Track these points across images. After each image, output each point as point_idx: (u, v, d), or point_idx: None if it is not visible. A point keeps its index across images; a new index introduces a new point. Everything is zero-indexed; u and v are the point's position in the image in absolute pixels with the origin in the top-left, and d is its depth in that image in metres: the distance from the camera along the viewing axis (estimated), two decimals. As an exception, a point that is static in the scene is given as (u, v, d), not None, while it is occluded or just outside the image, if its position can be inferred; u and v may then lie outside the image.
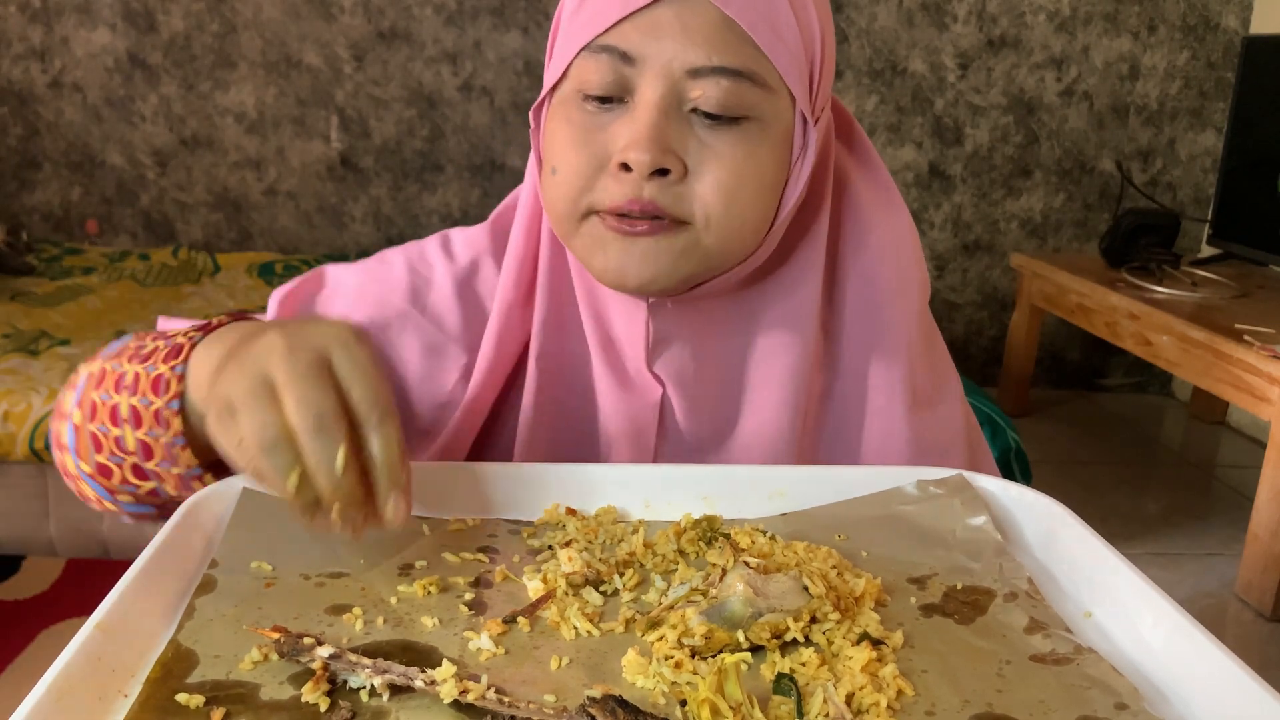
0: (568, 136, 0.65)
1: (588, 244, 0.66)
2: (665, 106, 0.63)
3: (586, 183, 0.65)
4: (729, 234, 0.65)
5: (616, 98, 0.64)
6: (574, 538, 0.60)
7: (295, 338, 0.52)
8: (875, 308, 0.74)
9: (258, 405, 0.50)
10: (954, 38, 3.25)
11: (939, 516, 0.62)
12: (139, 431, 0.62)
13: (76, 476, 0.69)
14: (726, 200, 0.64)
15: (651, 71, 0.62)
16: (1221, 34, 3.30)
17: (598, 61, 0.63)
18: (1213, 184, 3.35)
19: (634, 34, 0.62)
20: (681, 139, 0.63)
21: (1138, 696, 0.46)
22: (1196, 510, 2.75)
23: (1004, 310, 3.47)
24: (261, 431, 0.50)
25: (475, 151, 3.27)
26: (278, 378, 0.50)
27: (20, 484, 2.07)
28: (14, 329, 2.38)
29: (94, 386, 0.66)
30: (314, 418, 0.49)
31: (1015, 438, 2.06)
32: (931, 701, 0.46)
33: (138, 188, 3.23)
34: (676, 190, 0.63)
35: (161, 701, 0.44)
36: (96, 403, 0.65)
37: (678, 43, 0.62)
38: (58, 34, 3.09)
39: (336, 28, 3.14)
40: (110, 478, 0.66)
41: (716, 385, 0.74)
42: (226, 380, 0.52)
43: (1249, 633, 2.18)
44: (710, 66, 0.62)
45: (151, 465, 0.64)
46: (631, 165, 0.62)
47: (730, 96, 0.62)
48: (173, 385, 0.61)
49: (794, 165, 0.68)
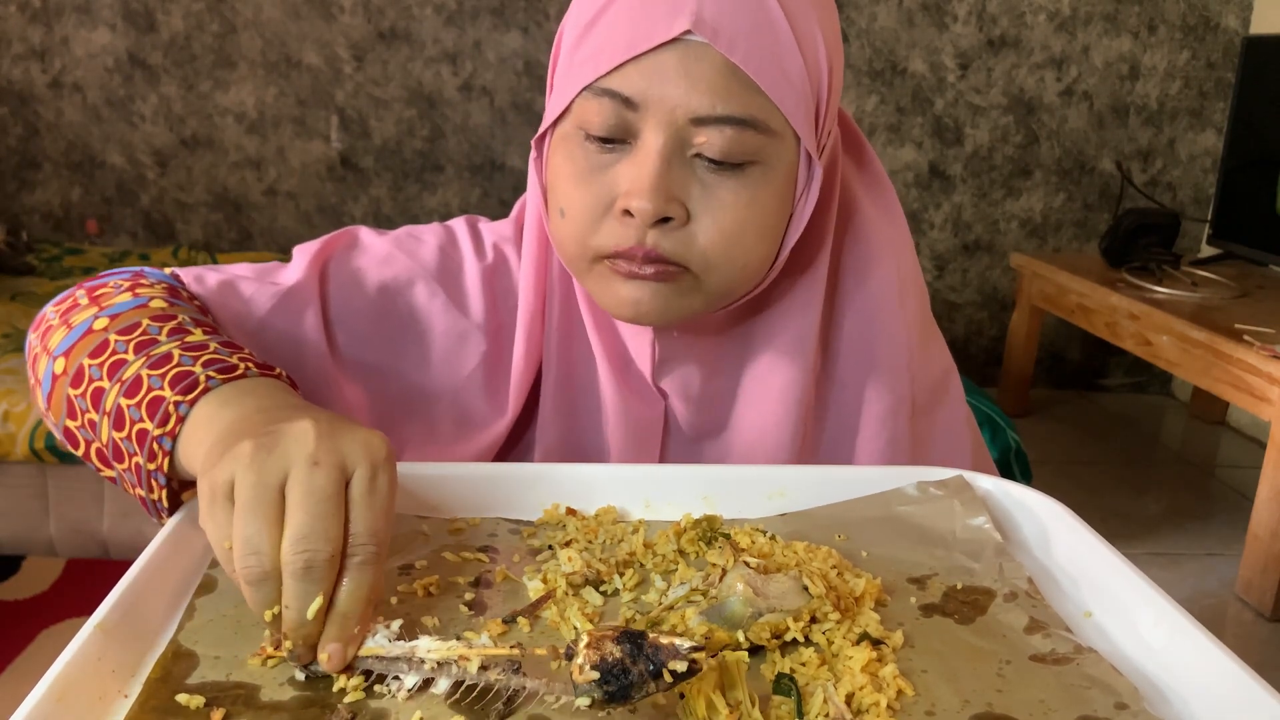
0: (571, 175, 0.65)
1: (598, 285, 0.67)
2: (668, 153, 0.62)
3: (592, 226, 0.65)
4: (730, 276, 0.66)
5: (619, 139, 0.64)
6: (574, 538, 0.60)
7: (325, 444, 0.47)
8: (874, 322, 0.74)
9: (257, 525, 0.46)
10: (954, 38, 3.25)
11: (939, 517, 0.62)
12: (118, 433, 0.58)
13: (45, 411, 0.66)
14: (727, 246, 0.64)
15: (655, 118, 0.62)
16: (1221, 34, 3.30)
17: (600, 104, 0.62)
18: (1213, 184, 3.35)
19: (638, 79, 0.61)
20: (684, 185, 0.63)
21: (1138, 696, 0.46)
22: (1196, 510, 2.75)
23: (1004, 310, 3.47)
24: (252, 563, 0.46)
25: (475, 151, 3.27)
26: (291, 495, 0.46)
27: (20, 484, 2.07)
28: (14, 329, 2.38)
29: (88, 351, 0.61)
30: (304, 564, 0.45)
31: (1015, 438, 2.06)
32: (931, 701, 0.46)
33: (138, 188, 3.23)
34: (678, 236, 0.64)
35: (161, 701, 0.44)
36: (85, 372, 0.61)
37: (681, 90, 0.61)
38: (58, 34, 3.09)
39: (336, 28, 3.14)
40: (75, 446, 0.63)
41: (719, 399, 0.75)
42: (239, 464, 0.47)
43: (1249, 633, 2.18)
44: (715, 116, 0.61)
45: (118, 468, 0.60)
46: (634, 213, 0.62)
47: (734, 145, 0.62)
48: (171, 421, 0.56)
49: (797, 202, 0.68)
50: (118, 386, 0.59)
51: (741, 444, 0.75)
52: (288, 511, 0.46)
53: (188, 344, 0.60)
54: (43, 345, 0.66)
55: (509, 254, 0.77)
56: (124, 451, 0.58)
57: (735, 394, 0.75)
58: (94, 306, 0.66)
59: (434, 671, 0.45)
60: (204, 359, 0.58)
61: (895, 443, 0.75)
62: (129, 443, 0.58)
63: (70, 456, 2.02)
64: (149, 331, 0.62)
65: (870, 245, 0.74)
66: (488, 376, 0.75)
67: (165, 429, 0.56)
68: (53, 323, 0.67)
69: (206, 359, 0.58)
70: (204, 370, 0.57)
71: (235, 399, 0.55)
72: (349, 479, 0.47)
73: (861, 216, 0.74)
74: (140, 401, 0.57)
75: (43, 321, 0.68)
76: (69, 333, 0.64)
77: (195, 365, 0.58)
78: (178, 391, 0.56)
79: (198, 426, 0.55)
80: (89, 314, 0.65)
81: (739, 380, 0.74)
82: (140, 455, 0.57)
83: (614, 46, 0.62)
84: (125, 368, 0.59)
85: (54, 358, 0.64)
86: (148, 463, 0.56)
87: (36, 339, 0.68)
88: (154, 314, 0.64)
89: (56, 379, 0.63)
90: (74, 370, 0.62)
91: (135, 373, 0.59)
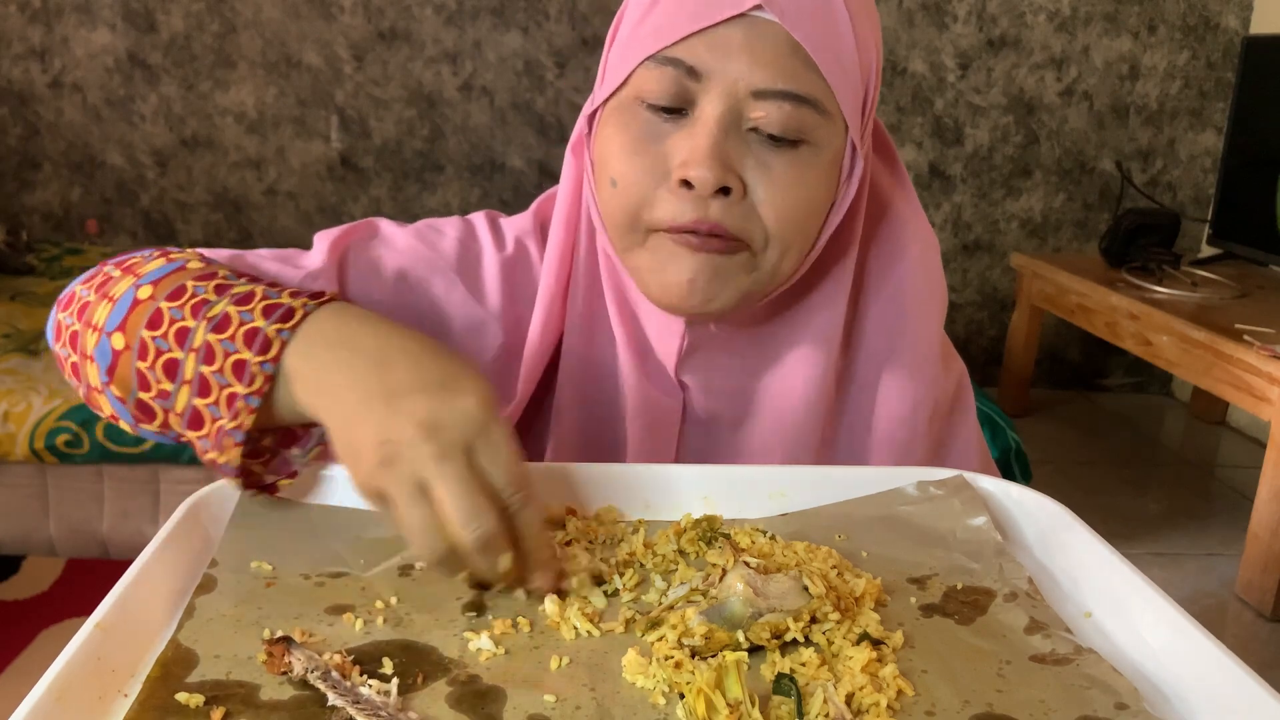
0: (624, 144, 0.65)
1: (650, 261, 0.66)
2: (726, 124, 0.63)
3: (645, 196, 0.65)
4: (783, 256, 0.66)
5: (676, 109, 0.64)
6: (574, 538, 0.60)
7: (438, 434, 0.52)
8: (897, 324, 0.75)
9: (419, 514, 0.52)
10: (954, 38, 3.25)
11: (939, 517, 0.62)
12: (202, 400, 0.59)
13: (97, 389, 0.65)
14: (783, 222, 0.65)
15: (716, 89, 0.63)
16: (1221, 34, 3.30)
17: (662, 73, 0.63)
18: (1213, 184, 3.35)
19: (702, 50, 0.63)
20: (740, 157, 0.64)
21: (1138, 696, 0.46)
22: (1196, 510, 2.75)
23: (1004, 310, 3.47)
24: (431, 545, 0.52)
25: (475, 151, 3.27)
26: (436, 491, 0.52)
27: (20, 484, 2.07)
28: (14, 329, 2.38)
29: (143, 323, 0.62)
30: (478, 540, 0.51)
31: (1015, 438, 2.06)
32: (931, 701, 0.46)
33: (138, 188, 3.23)
34: (739, 210, 0.64)
35: (161, 701, 0.44)
36: (149, 344, 0.61)
37: (745, 63, 0.62)
38: (58, 34, 3.09)
39: (336, 28, 3.14)
40: (149, 419, 0.63)
41: (740, 394, 0.75)
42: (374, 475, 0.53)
43: (1249, 633, 2.18)
44: (775, 90, 0.62)
45: (191, 435, 0.61)
46: (694, 183, 0.62)
47: (791, 120, 0.63)
48: (258, 381, 0.58)
49: (840, 190, 0.68)
50: (192, 355, 0.60)
51: (760, 440, 0.75)
52: (441, 503, 0.51)
53: (237, 295, 0.62)
54: (84, 322, 0.65)
55: (530, 247, 0.77)
56: (205, 416, 0.60)
57: (757, 389, 0.74)
58: (129, 276, 0.65)
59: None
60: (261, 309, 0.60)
61: (910, 446, 0.75)
62: (215, 407, 0.59)
63: (70, 456, 2.02)
64: (196, 292, 0.62)
65: (898, 245, 0.74)
66: (504, 368, 0.75)
67: (253, 389, 0.58)
68: (88, 299, 0.66)
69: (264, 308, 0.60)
70: (269, 323, 0.59)
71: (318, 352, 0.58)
72: (471, 451, 0.53)
73: (892, 214, 0.74)
74: (221, 368, 0.59)
75: (74, 300, 0.68)
76: (114, 306, 0.64)
77: (258, 319, 0.60)
78: (256, 352, 0.58)
79: (296, 379, 0.58)
80: (127, 284, 0.65)
81: (762, 376, 0.74)
82: (225, 417, 0.59)
83: (681, 18, 0.63)
84: (192, 334, 0.60)
85: (107, 333, 0.63)
86: (229, 421, 0.58)
87: (71, 317, 0.67)
88: (194, 275, 0.64)
89: (119, 354, 0.62)
90: (136, 344, 0.62)
91: (204, 339, 0.60)
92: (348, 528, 0.59)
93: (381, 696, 0.44)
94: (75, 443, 2.01)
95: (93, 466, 2.06)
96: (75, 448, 2.01)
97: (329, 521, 0.60)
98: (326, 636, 0.49)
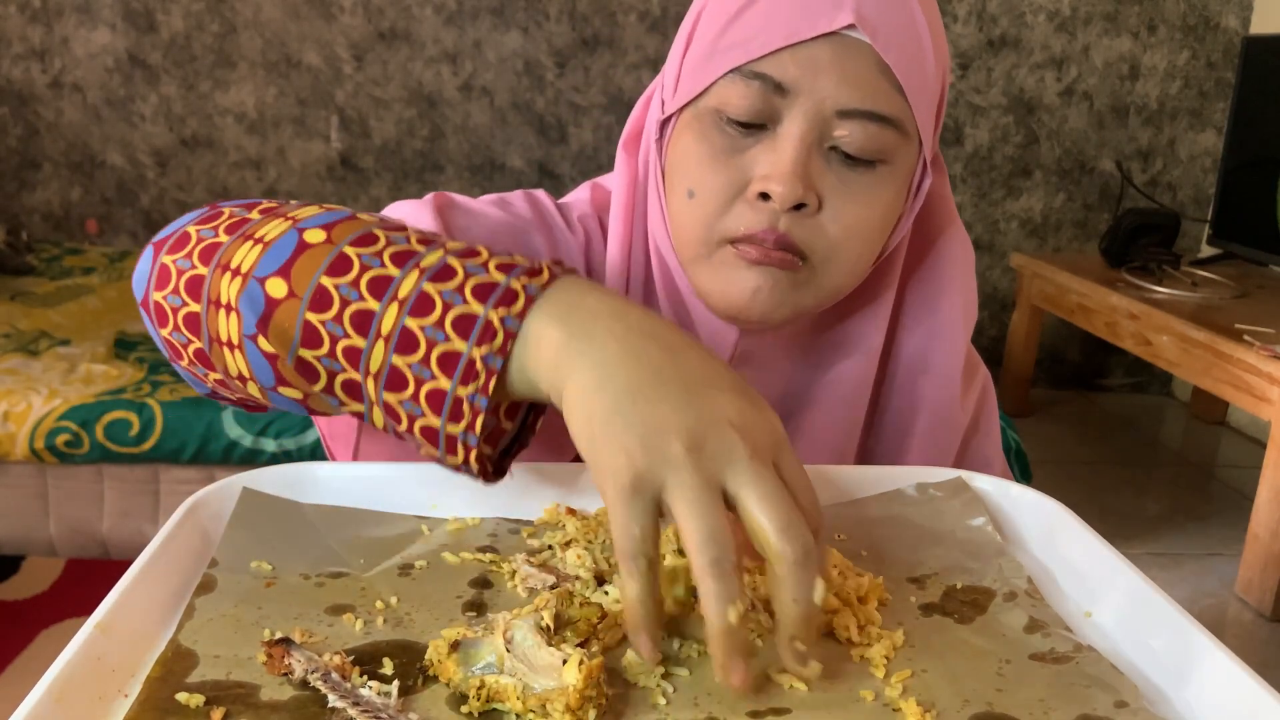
0: (704, 156, 0.65)
1: (716, 273, 0.66)
2: (809, 142, 0.63)
3: (722, 208, 0.65)
4: (843, 273, 0.66)
5: (759, 124, 0.64)
6: (574, 538, 0.60)
7: (752, 436, 0.46)
8: (935, 341, 0.75)
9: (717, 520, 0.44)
10: (954, 38, 3.25)
11: (939, 517, 0.62)
12: (405, 357, 0.51)
13: (230, 344, 0.55)
14: (850, 240, 0.65)
15: (802, 106, 0.63)
16: (1221, 34, 3.30)
17: (748, 87, 0.63)
18: (1213, 184, 3.35)
19: (792, 66, 0.62)
20: (820, 175, 0.64)
21: (1138, 694, 0.46)
22: (1196, 510, 2.75)
23: (1004, 310, 3.47)
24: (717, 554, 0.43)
25: (475, 151, 3.27)
26: (745, 493, 0.45)
27: (20, 484, 2.07)
28: (14, 329, 2.38)
29: (322, 269, 0.53)
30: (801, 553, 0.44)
31: (1015, 438, 2.06)
32: (931, 701, 0.46)
33: (138, 188, 3.23)
34: (809, 224, 0.64)
35: (161, 701, 0.44)
36: (330, 291, 0.52)
37: (833, 82, 0.62)
38: (58, 34, 3.09)
39: (336, 28, 3.14)
40: (313, 380, 0.54)
41: (780, 403, 0.75)
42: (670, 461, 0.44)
43: (1249, 633, 2.18)
44: (861, 110, 0.62)
45: (394, 396, 0.52)
46: (773, 196, 0.62)
47: (873, 141, 0.63)
48: (498, 338, 0.50)
49: (907, 205, 0.69)
50: (395, 305, 0.51)
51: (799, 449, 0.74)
52: (754, 510, 0.44)
53: (455, 250, 0.53)
54: (218, 265, 0.56)
55: (595, 230, 0.76)
56: (410, 377, 0.51)
57: (800, 399, 0.74)
58: (279, 219, 0.57)
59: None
60: (495, 264, 0.52)
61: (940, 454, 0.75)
62: (422, 366, 0.50)
63: (70, 456, 2.02)
64: (394, 241, 0.54)
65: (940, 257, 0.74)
66: None
67: (492, 346, 0.50)
68: (216, 239, 0.57)
69: (498, 264, 0.52)
70: (509, 278, 0.51)
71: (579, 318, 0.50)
72: (777, 465, 0.46)
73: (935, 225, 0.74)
74: (440, 320, 0.50)
75: (190, 240, 0.58)
76: (267, 249, 0.54)
77: (494, 273, 0.51)
78: (494, 305, 0.50)
79: (541, 343, 0.49)
80: (283, 226, 0.56)
81: (806, 386, 0.74)
82: (448, 379, 0.50)
83: (770, 32, 0.62)
84: (396, 284, 0.52)
85: (258, 278, 0.54)
86: (460, 386, 0.50)
87: (187, 259, 0.57)
88: (374, 224, 0.55)
89: (277, 303, 0.53)
90: (310, 292, 0.52)
91: (415, 287, 0.51)
92: (348, 528, 0.59)
93: (382, 698, 0.44)
94: (75, 443, 2.01)
95: (93, 466, 2.06)
96: (75, 448, 2.01)
97: (329, 521, 0.60)
98: (326, 637, 0.49)
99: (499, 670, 0.45)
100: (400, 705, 0.44)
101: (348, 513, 0.60)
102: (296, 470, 0.63)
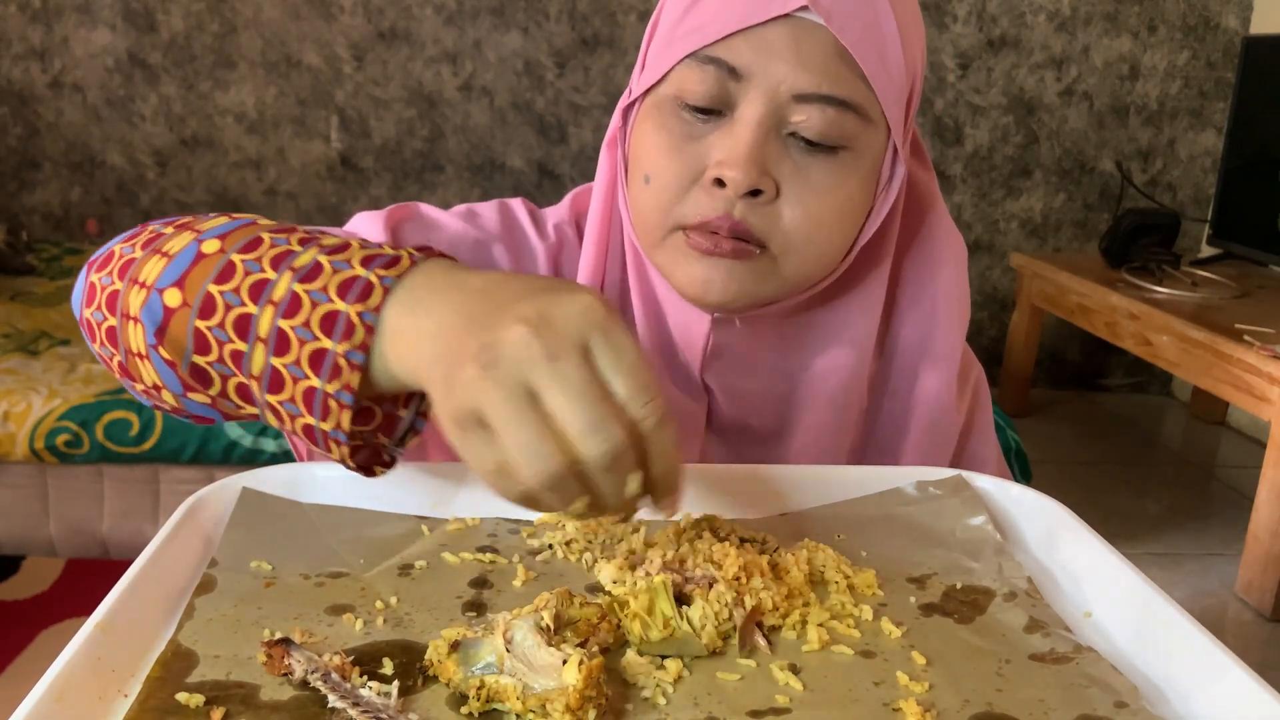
0: (661, 143, 0.65)
1: (670, 259, 0.66)
2: (765, 127, 0.62)
3: (678, 195, 0.64)
4: (807, 261, 0.66)
5: (715, 110, 0.63)
6: (574, 538, 0.60)
7: (549, 330, 0.44)
8: (930, 333, 0.74)
9: (527, 428, 0.43)
10: (954, 38, 3.25)
11: (938, 516, 0.62)
12: (280, 359, 0.52)
13: (139, 354, 0.57)
14: (811, 229, 0.64)
15: (757, 90, 0.62)
16: (1221, 34, 3.30)
17: (703, 72, 0.63)
18: (1213, 184, 3.35)
19: (746, 50, 0.62)
20: (777, 161, 0.63)
21: (1137, 695, 0.46)
22: (1196, 510, 2.75)
23: (1004, 310, 3.47)
24: (542, 465, 0.43)
25: (475, 151, 3.27)
26: (550, 398, 0.43)
27: (20, 484, 2.07)
28: (14, 329, 2.38)
29: (211, 277, 0.54)
30: (605, 455, 0.43)
31: (1015, 438, 2.06)
32: (931, 701, 0.46)
33: (138, 188, 3.23)
34: (765, 212, 0.63)
35: (161, 701, 0.44)
36: (218, 299, 0.53)
37: (789, 65, 0.61)
38: (58, 34, 3.09)
39: (336, 28, 3.14)
40: (206, 385, 0.56)
41: (769, 399, 0.74)
42: (473, 389, 0.44)
43: (1249, 633, 2.18)
44: (818, 94, 0.62)
45: (273, 398, 0.53)
46: (727, 183, 0.62)
47: (832, 126, 0.62)
48: (358, 333, 0.50)
49: (878, 194, 0.68)
50: (270, 309, 0.52)
51: (788, 448, 0.74)
52: (557, 413, 0.43)
53: (327, 247, 0.54)
54: (129, 279, 0.57)
55: (569, 236, 0.76)
56: (287, 378, 0.52)
57: (787, 395, 0.73)
58: (187, 232, 0.58)
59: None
60: (360, 258, 0.53)
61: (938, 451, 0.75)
62: (295, 367, 0.52)
63: (70, 456, 2.02)
64: (276, 244, 0.55)
65: (934, 251, 0.74)
66: None
67: (352, 342, 0.50)
68: (132, 255, 0.58)
69: (362, 258, 0.53)
70: (369, 271, 0.51)
71: (426, 295, 0.50)
72: (588, 352, 0.45)
73: (929, 219, 0.74)
74: (307, 320, 0.51)
75: (113, 258, 0.59)
76: (170, 261, 0.56)
77: (357, 268, 0.52)
78: (353, 300, 0.51)
79: (395, 336, 0.50)
80: (186, 238, 0.57)
81: (793, 381, 0.73)
82: (317, 378, 0.51)
83: (725, 16, 0.62)
84: (271, 287, 0.53)
85: (158, 289, 0.55)
86: (327, 383, 0.51)
87: (109, 276, 0.59)
88: (267, 229, 0.57)
89: (172, 312, 0.54)
90: (199, 300, 0.54)
91: (288, 290, 0.52)
92: (348, 528, 0.59)
93: (382, 698, 0.44)
94: (75, 443, 2.01)
95: (93, 466, 2.06)
96: (75, 448, 2.01)
97: (329, 521, 0.60)
98: (326, 636, 0.49)
99: (499, 670, 0.45)
100: (400, 705, 0.44)
101: (348, 513, 0.60)
102: (296, 470, 0.63)
